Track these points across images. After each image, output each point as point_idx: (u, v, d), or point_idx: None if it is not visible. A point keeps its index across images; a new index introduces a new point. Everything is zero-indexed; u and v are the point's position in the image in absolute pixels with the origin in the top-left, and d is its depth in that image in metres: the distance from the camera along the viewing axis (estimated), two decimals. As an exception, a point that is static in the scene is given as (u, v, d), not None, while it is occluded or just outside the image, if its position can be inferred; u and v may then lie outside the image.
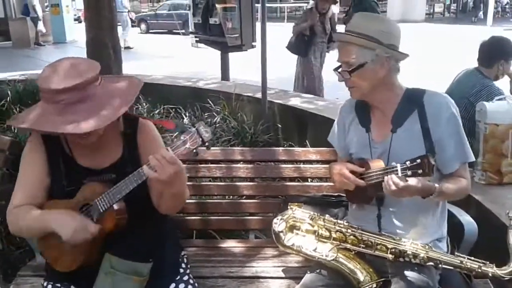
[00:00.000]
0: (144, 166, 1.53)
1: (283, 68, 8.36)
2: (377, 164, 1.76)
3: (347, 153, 1.96)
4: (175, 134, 1.59)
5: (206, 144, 1.50)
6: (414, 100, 1.80)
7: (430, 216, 1.83)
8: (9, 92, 5.11)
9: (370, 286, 1.73)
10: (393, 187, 1.61)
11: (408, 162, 1.59)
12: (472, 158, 1.82)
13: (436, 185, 1.67)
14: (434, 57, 11.61)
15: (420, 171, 1.57)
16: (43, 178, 1.70)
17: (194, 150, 1.50)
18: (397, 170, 1.61)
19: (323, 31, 6.09)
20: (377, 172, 1.72)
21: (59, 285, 1.73)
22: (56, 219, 1.60)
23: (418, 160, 1.57)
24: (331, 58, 5.42)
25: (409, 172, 1.59)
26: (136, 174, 1.56)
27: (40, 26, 15.83)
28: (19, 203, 1.69)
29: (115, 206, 1.61)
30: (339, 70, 1.80)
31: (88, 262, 1.65)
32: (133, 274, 1.64)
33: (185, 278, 1.82)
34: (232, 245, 2.37)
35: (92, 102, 1.56)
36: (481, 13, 26.93)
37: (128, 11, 15.30)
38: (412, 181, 1.60)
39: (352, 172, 1.79)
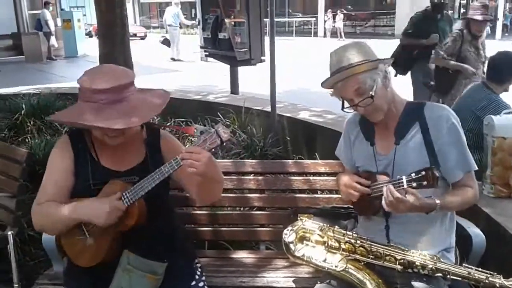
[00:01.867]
0: (172, 162, 1.62)
1: (292, 82, 8.43)
2: (384, 177, 1.81)
3: (354, 165, 2.00)
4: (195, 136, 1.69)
5: (224, 144, 1.61)
6: (415, 112, 1.84)
7: (438, 226, 1.86)
8: (23, 106, 5.19)
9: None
10: (390, 198, 1.65)
11: (413, 174, 1.63)
12: (475, 167, 1.84)
13: (438, 201, 1.69)
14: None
15: (425, 183, 1.60)
16: (69, 176, 1.78)
17: (213, 150, 1.60)
18: (402, 182, 1.65)
19: (477, 58, 4.55)
20: (382, 184, 1.75)
21: None
22: (85, 208, 1.68)
23: (423, 172, 1.60)
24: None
25: (414, 184, 1.62)
26: (158, 172, 1.65)
27: (53, 40, 16.06)
28: (44, 201, 1.76)
29: (137, 203, 1.69)
30: (357, 103, 1.77)
31: (108, 258, 1.72)
32: (149, 273, 1.71)
33: (201, 284, 1.88)
34: (243, 256, 2.41)
35: (126, 104, 1.68)
36: (487, 28, 26.89)
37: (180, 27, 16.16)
38: (410, 197, 1.64)
39: (358, 183, 1.84)
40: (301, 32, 30.42)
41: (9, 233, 2.30)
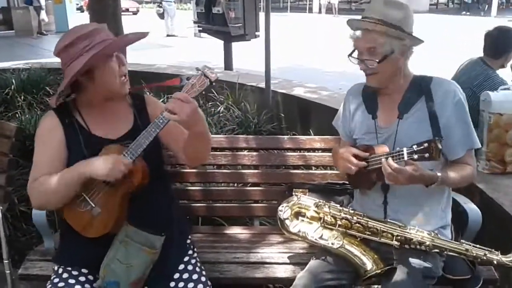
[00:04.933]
0: (163, 113, 1.58)
1: (286, 58, 8.34)
2: (382, 149, 1.76)
3: (351, 137, 1.96)
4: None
5: (213, 83, 1.60)
6: (421, 87, 1.80)
7: (436, 203, 1.84)
8: (13, 81, 5.13)
9: (376, 273, 1.74)
10: (388, 170, 1.61)
11: (415, 146, 1.58)
12: (478, 145, 1.82)
13: (439, 173, 1.66)
14: (438, 47, 11.57)
15: (426, 155, 1.56)
16: (61, 150, 1.73)
17: (203, 92, 1.59)
18: (403, 154, 1.61)
19: None
20: (381, 156, 1.71)
21: (70, 268, 1.75)
22: (86, 165, 1.62)
23: (426, 144, 1.56)
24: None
25: (415, 156, 1.58)
26: (152, 125, 1.61)
27: (43, 15, 15.80)
28: (39, 176, 1.69)
29: (138, 161, 1.65)
30: (364, 59, 1.73)
31: (119, 224, 1.69)
32: (146, 246, 1.68)
33: (193, 261, 1.85)
34: (237, 231, 2.39)
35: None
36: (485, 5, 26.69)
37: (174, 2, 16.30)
38: (408, 167, 1.60)
39: (356, 156, 1.79)
40: (296, 8, 30.16)
41: (-2, 208, 2.27)
